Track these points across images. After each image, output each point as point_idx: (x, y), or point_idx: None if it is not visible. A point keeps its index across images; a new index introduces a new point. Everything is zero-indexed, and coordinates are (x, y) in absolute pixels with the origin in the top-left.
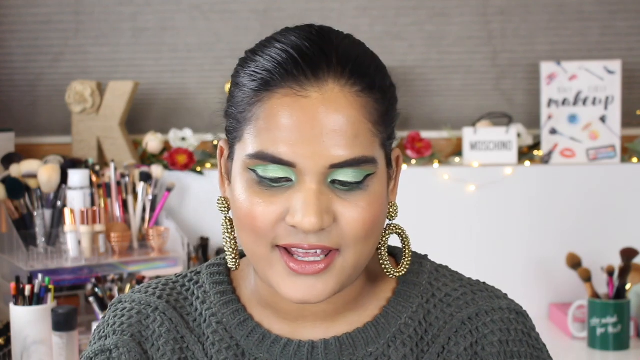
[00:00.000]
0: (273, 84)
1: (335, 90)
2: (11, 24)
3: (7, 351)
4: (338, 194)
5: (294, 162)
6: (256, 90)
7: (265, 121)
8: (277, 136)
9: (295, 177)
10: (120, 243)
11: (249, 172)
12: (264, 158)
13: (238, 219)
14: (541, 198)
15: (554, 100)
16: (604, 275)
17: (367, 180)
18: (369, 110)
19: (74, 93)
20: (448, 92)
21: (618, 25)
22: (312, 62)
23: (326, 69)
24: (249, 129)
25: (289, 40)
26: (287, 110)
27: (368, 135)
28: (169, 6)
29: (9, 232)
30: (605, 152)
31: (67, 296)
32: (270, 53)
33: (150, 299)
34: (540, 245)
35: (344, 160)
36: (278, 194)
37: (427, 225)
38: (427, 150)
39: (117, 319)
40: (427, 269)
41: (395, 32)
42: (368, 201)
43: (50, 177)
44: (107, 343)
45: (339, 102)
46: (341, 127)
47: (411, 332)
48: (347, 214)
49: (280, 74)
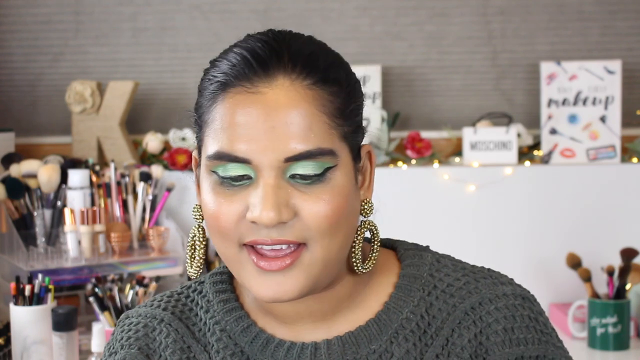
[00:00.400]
0: (228, 85)
1: (286, 84)
2: (11, 24)
3: (7, 351)
4: (298, 187)
5: (250, 158)
6: (213, 92)
7: (221, 121)
8: (232, 134)
9: (254, 174)
10: (120, 243)
11: (212, 174)
12: (221, 157)
13: (207, 223)
14: (541, 198)
15: (554, 100)
16: (604, 275)
17: (327, 173)
18: (322, 103)
19: (74, 93)
20: (448, 92)
21: (618, 25)
22: (262, 60)
23: (276, 66)
24: (208, 132)
25: (245, 44)
26: (239, 108)
27: (324, 127)
28: (169, 6)
29: (9, 232)
30: (605, 152)
31: (67, 296)
32: (228, 57)
33: (156, 312)
34: (540, 245)
35: (298, 152)
36: (239, 192)
37: (427, 225)
38: (427, 150)
39: (124, 333)
40: (428, 260)
41: (395, 32)
42: (330, 194)
43: (50, 177)
44: (117, 359)
45: (289, 95)
46: (293, 120)
47: (413, 327)
48: (308, 207)
49: (234, 74)
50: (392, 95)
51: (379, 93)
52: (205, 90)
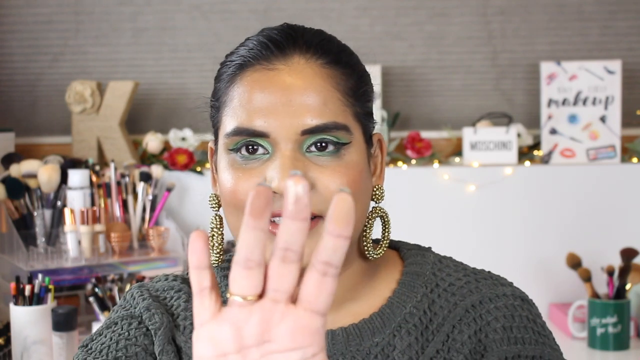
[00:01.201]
0: (246, 65)
1: (301, 62)
2: (11, 24)
3: (7, 351)
4: (315, 161)
5: (267, 132)
6: (231, 74)
7: (239, 99)
8: (250, 110)
9: (271, 148)
10: (120, 243)
11: (229, 153)
12: (240, 133)
13: (224, 202)
14: (541, 198)
15: (554, 100)
16: (604, 275)
17: (342, 149)
18: (337, 81)
19: (74, 93)
20: (448, 92)
21: (618, 25)
22: (278, 42)
23: (292, 46)
24: (226, 111)
25: (261, 33)
26: (257, 85)
27: (338, 103)
28: (169, 6)
29: (9, 232)
30: (605, 152)
31: (67, 296)
32: (245, 44)
33: (174, 284)
34: (540, 245)
35: (314, 125)
36: (256, 167)
37: (427, 225)
38: (427, 150)
39: (143, 293)
40: (431, 260)
41: (395, 32)
42: (345, 167)
43: (50, 177)
44: (136, 310)
45: (305, 71)
46: (309, 94)
47: (416, 321)
48: (325, 180)
49: (252, 56)
50: (392, 95)
51: (379, 93)
52: (222, 75)
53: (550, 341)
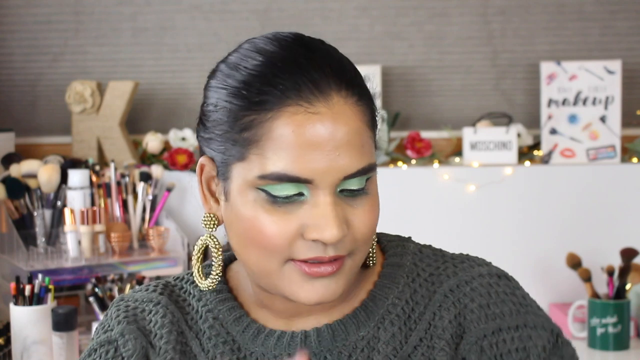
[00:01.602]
0: (276, 101)
1: (340, 103)
2: (11, 24)
3: (7, 351)
4: (347, 201)
5: (310, 178)
6: (255, 109)
7: (276, 141)
8: (291, 155)
9: (308, 192)
10: (120, 243)
11: (257, 191)
12: (279, 178)
13: (246, 238)
14: (541, 198)
15: (554, 100)
16: (604, 275)
17: (367, 183)
18: (367, 117)
19: (74, 93)
20: (448, 92)
21: (618, 25)
22: (312, 74)
23: (328, 85)
24: (255, 150)
25: (274, 51)
26: (299, 129)
27: (370, 141)
28: (169, 6)
29: (9, 232)
30: (605, 152)
31: (67, 296)
32: (258, 68)
33: (153, 295)
34: (540, 245)
35: (355, 170)
36: (292, 211)
37: (427, 225)
38: (427, 150)
39: (120, 312)
40: (411, 249)
41: (395, 32)
42: (372, 204)
43: (50, 177)
44: (113, 334)
45: (346, 114)
46: (350, 139)
47: (398, 312)
48: (357, 220)
49: (282, 89)
50: (392, 95)
51: (379, 93)
52: (239, 102)
53: (534, 309)
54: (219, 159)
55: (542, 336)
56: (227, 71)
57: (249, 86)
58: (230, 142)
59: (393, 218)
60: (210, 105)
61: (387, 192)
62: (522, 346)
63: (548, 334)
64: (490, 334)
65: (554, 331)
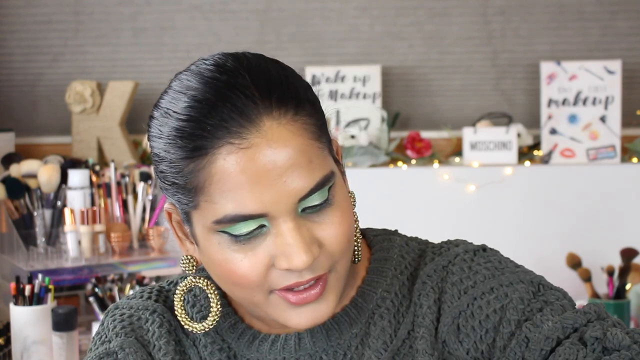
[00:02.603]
0: (208, 144)
1: (274, 127)
2: (11, 24)
3: (7, 351)
4: (312, 219)
5: (264, 212)
6: (191, 157)
7: (219, 185)
8: (237, 195)
9: (268, 222)
10: (120, 243)
11: (220, 234)
12: (232, 220)
13: (225, 280)
14: (541, 198)
15: (554, 100)
16: (604, 275)
17: (330, 192)
18: (309, 129)
19: (74, 93)
20: (448, 92)
21: (618, 25)
22: (238, 105)
23: (254, 108)
24: (202, 197)
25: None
26: (236, 167)
27: (318, 153)
28: (169, 6)
29: (9, 232)
30: (605, 152)
31: (67, 296)
32: (186, 112)
33: (148, 303)
34: (540, 245)
35: (308, 190)
36: (258, 244)
37: (427, 225)
38: (427, 150)
39: (117, 322)
40: (397, 243)
41: (395, 32)
42: (340, 212)
43: (50, 177)
44: (112, 346)
45: (282, 137)
46: (294, 160)
47: (388, 304)
48: (327, 235)
49: (212, 130)
50: (392, 95)
51: (379, 93)
52: (176, 152)
53: (510, 268)
54: (179, 207)
55: (518, 289)
56: (160, 119)
57: (181, 133)
58: (181, 192)
59: (393, 218)
60: (155, 155)
61: (387, 192)
62: (499, 306)
63: (526, 285)
64: (465, 308)
65: (533, 281)
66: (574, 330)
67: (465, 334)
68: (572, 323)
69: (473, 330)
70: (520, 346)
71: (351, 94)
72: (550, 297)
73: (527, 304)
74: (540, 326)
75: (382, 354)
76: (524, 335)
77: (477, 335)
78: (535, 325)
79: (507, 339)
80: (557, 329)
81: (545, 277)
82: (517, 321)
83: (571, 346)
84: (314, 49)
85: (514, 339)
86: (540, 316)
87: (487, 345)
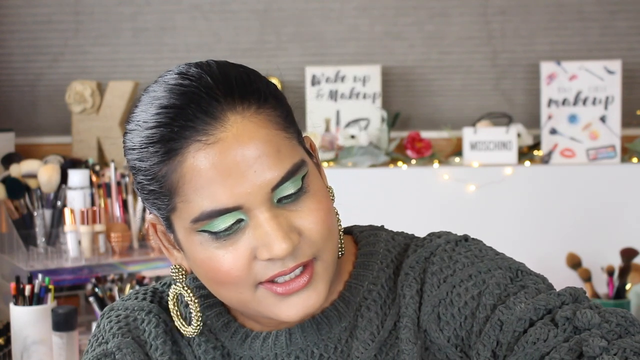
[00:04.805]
0: (177, 146)
1: (238, 121)
2: (11, 24)
3: (7, 351)
4: (288, 208)
5: (239, 204)
6: (162, 160)
7: (192, 183)
8: (210, 191)
9: (246, 216)
10: (120, 243)
11: (200, 234)
12: (209, 217)
13: (210, 279)
14: (541, 198)
15: (554, 100)
16: (604, 275)
17: (304, 181)
18: (274, 121)
19: (74, 93)
20: (448, 92)
21: (618, 25)
22: (202, 104)
23: (218, 105)
24: (178, 198)
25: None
26: (206, 163)
27: (286, 142)
28: (169, 6)
29: (9, 232)
30: (605, 152)
31: (67, 296)
32: (154, 119)
33: (143, 304)
34: (540, 245)
35: (280, 179)
36: (239, 239)
37: (427, 225)
38: (427, 150)
39: (113, 324)
40: (383, 237)
41: (395, 32)
42: (316, 199)
43: (50, 177)
44: (109, 347)
45: (248, 129)
46: (261, 151)
47: (374, 296)
48: (306, 222)
49: (179, 131)
50: (392, 95)
51: (379, 93)
52: (146, 162)
53: (490, 255)
54: (159, 215)
55: (496, 275)
56: (132, 132)
57: (151, 139)
58: (159, 199)
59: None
60: (132, 168)
61: (387, 192)
62: (477, 292)
63: (504, 271)
64: (445, 297)
65: (512, 267)
66: (547, 312)
67: (445, 321)
68: (544, 305)
69: (452, 318)
70: (494, 329)
71: (351, 94)
72: (527, 282)
73: (503, 289)
74: (513, 308)
75: (369, 345)
76: (497, 318)
77: (456, 322)
78: (508, 308)
79: (483, 324)
80: (530, 310)
81: (526, 264)
82: (493, 306)
83: (542, 326)
84: (314, 49)
85: (488, 323)
86: (514, 299)
87: (467, 332)
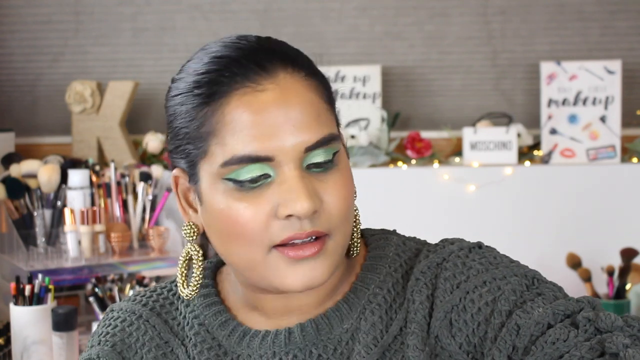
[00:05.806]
0: (225, 89)
1: (287, 78)
2: (11, 24)
3: (7, 351)
4: (316, 176)
5: (271, 155)
6: (207, 102)
7: (231, 126)
8: (247, 135)
9: (273, 171)
10: (120, 243)
11: (224, 182)
12: (240, 161)
13: (225, 233)
14: (541, 198)
15: (554, 100)
16: (604, 275)
17: (335, 158)
18: (321, 90)
19: (74, 93)
20: (448, 92)
21: (618, 25)
22: (260, 60)
23: (272, 63)
24: (215, 140)
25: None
26: (250, 108)
27: (327, 113)
28: (169, 6)
29: (9, 232)
30: (605, 152)
31: (67, 296)
32: (206, 67)
33: (136, 307)
34: (540, 245)
35: (315, 140)
36: (262, 193)
37: (427, 225)
38: (427, 150)
39: (104, 328)
40: (394, 242)
41: (395, 32)
42: (343, 178)
43: (50, 177)
44: (92, 352)
45: (294, 87)
46: (302, 110)
47: (380, 300)
48: (329, 194)
49: (230, 76)
50: (392, 95)
51: (379, 93)
52: (188, 105)
53: (505, 263)
54: (187, 165)
55: (512, 282)
56: (179, 78)
57: (199, 83)
58: (192, 142)
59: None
60: (170, 115)
61: (387, 192)
62: (491, 298)
63: (520, 278)
64: (458, 302)
65: (528, 275)
66: (566, 317)
67: (458, 328)
68: (563, 310)
69: (465, 324)
70: (510, 334)
71: (351, 94)
72: (544, 290)
73: (519, 295)
74: (531, 312)
75: (371, 349)
76: (514, 322)
77: (469, 328)
78: (525, 312)
79: (498, 329)
80: (548, 314)
81: (541, 273)
82: (509, 312)
83: (562, 327)
84: (314, 49)
85: (504, 328)
86: (531, 304)
87: (480, 339)
